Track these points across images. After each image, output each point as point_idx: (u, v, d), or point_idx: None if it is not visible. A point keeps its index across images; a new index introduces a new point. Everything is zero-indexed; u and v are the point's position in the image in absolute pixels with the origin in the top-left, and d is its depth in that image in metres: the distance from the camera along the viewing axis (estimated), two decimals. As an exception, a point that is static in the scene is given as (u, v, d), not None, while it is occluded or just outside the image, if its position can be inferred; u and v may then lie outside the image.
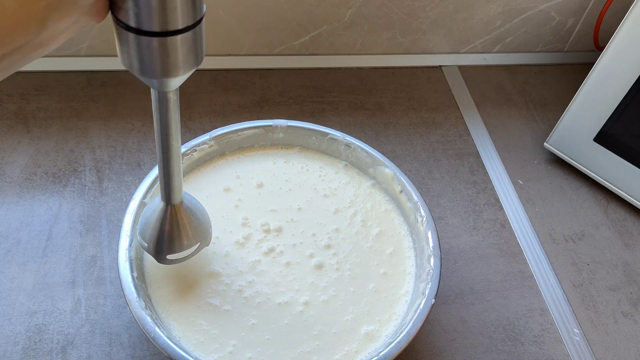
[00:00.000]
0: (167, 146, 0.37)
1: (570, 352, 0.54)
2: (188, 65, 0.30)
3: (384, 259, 0.51)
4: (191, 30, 0.28)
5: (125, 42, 0.28)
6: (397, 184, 0.54)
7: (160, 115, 0.35)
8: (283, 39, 0.73)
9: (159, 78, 0.30)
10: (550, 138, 0.69)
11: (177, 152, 0.38)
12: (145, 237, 0.44)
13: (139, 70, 0.29)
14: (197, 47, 0.30)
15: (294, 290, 0.48)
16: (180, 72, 0.30)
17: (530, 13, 0.77)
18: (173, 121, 0.35)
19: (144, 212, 0.45)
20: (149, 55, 0.28)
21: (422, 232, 0.51)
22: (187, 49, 0.29)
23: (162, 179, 0.40)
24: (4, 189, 0.58)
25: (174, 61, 0.29)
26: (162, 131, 0.36)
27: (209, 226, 0.46)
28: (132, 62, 0.29)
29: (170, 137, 0.36)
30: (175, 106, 0.35)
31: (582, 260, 0.62)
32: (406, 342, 0.44)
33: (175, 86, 0.33)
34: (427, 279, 0.48)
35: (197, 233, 0.44)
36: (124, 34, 0.28)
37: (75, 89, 0.68)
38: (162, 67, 0.29)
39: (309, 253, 0.51)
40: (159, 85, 0.32)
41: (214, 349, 0.44)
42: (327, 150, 0.58)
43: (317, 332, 0.46)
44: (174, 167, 0.39)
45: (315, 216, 0.53)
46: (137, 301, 0.43)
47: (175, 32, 0.28)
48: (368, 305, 0.48)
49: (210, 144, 0.55)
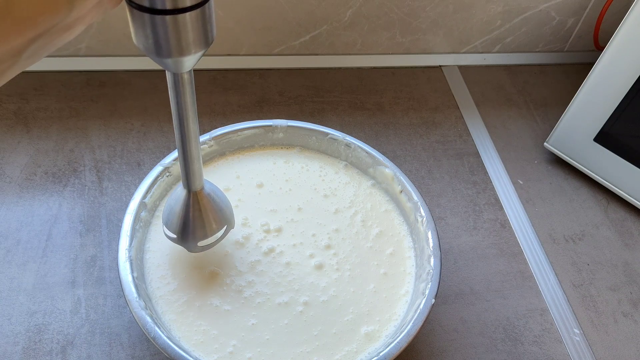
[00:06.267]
0: (185, 130, 0.38)
1: (570, 352, 0.54)
2: (200, 44, 0.31)
3: (384, 259, 0.51)
4: (200, 7, 0.29)
5: (139, 23, 0.29)
6: (397, 184, 0.54)
7: (177, 98, 0.36)
8: (283, 39, 0.73)
9: (173, 57, 0.31)
10: (550, 138, 0.69)
11: (196, 136, 0.38)
12: (171, 227, 0.44)
13: (154, 50, 0.30)
14: (208, 25, 0.31)
15: (293, 291, 0.48)
16: (192, 51, 0.31)
17: (530, 13, 0.77)
18: (190, 104, 0.36)
19: (167, 203, 0.45)
20: (162, 33, 0.29)
21: (422, 232, 0.51)
22: (197, 27, 0.30)
23: (183, 165, 0.40)
24: (4, 189, 0.58)
25: (186, 39, 0.30)
26: (179, 114, 0.37)
27: (231, 210, 0.47)
28: (147, 42, 0.30)
29: (188, 120, 0.37)
30: (191, 88, 0.35)
31: (582, 260, 0.62)
32: (406, 342, 0.44)
33: (190, 66, 0.33)
34: (427, 279, 0.48)
35: (223, 217, 0.45)
36: (137, 15, 0.29)
37: (75, 89, 0.68)
38: (175, 45, 0.30)
39: (309, 253, 0.51)
40: (174, 65, 0.33)
41: (214, 349, 0.44)
42: (327, 150, 0.58)
43: (317, 333, 0.46)
44: (193, 151, 0.39)
45: (315, 216, 0.53)
46: (137, 301, 0.43)
47: (185, 10, 0.29)
48: (368, 306, 0.48)
49: (210, 144, 0.55)
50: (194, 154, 0.40)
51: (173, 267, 0.48)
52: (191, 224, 0.43)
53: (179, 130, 0.38)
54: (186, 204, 0.43)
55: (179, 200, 0.43)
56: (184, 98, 0.36)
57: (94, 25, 0.66)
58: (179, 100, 0.36)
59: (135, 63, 0.71)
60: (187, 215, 0.43)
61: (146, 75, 0.70)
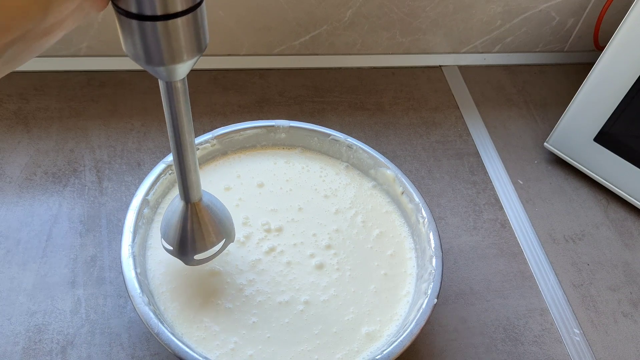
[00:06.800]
0: (180, 140, 0.37)
1: (570, 352, 0.54)
2: (192, 51, 0.30)
3: (384, 260, 0.51)
4: (192, 12, 0.28)
5: (129, 31, 0.28)
6: (399, 185, 0.54)
7: (170, 107, 0.35)
8: (283, 39, 0.73)
9: (165, 65, 0.30)
10: (550, 138, 0.69)
11: (192, 146, 0.37)
12: (168, 239, 0.43)
13: (144, 59, 0.29)
14: (200, 31, 0.30)
15: (294, 290, 0.48)
16: (184, 58, 0.30)
17: (530, 13, 0.77)
18: (184, 113, 0.35)
19: (165, 214, 0.44)
20: (152, 40, 0.28)
21: (424, 233, 0.51)
22: (189, 33, 0.29)
23: (179, 176, 0.39)
24: (4, 189, 0.57)
25: (177, 46, 0.29)
26: (173, 124, 0.36)
27: (231, 222, 0.45)
28: (137, 50, 0.29)
29: (182, 130, 0.36)
30: (185, 97, 0.34)
31: (582, 260, 0.62)
32: (409, 340, 0.44)
33: (182, 74, 0.32)
34: (430, 279, 0.48)
35: (221, 230, 0.44)
36: (126, 22, 0.28)
37: (75, 89, 0.68)
38: (166, 52, 0.29)
39: (310, 253, 0.51)
40: (167, 74, 0.32)
41: (216, 345, 0.44)
42: (329, 151, 0.58)
43: (317, 331, 0.46)
44: (189, 161, 0.38)
45: (315, 216, 0.53)
46: (140, 297, 0.43)
47: (176, 15, 0.28)
48: (369, 306, 0.48)
49: (213, 143, 0.55)
50: (190, 164, 0.38)
51: (175, 264, 0.48)
52: (189, 236, 0.42)
53: (174, 140, 0.37)
54: (184, 217, 0.41)
55: (176, 211, 0.42)
56: (178, 107, 0.34)
57: (95, 25, 0.66)
58: (173, 110, 0.35)
59: (135, 63, 0.71)
60: (184, 228, 0.42)
61: (146, 75, 0.70)
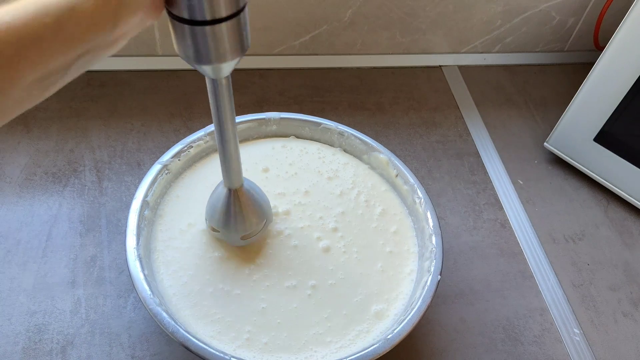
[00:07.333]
0: (223, 130, 0.40)
1: (570, 352, 0.54)
2: (236, 51, 0.34)
3: (389, 238, 0.52)
4: (236, 17, 0.32)
5: (181, 34, 0.32)
6: (393, 168, 0.56)
7: (216, 102, 0.39)
8: (283, 38, 0.73)
9: (212, 64, 0.34)
10: (550, 138, 0.69)
11: (235, 137, 0.41)
12: (214, 223, 0.47)
13: (194, 58, 0.33)
14: (243, 33, 0.34)
15: (302, 274, 0.49)
16: (229, 58, 0.34)
17: (530, 13, 0.77)
18: (227, 106, 0.39)
19: (209, 200, 0.48)
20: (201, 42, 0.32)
21: (422, 212, 0.52)
22: (234, 36, 0.33)
23: (223, 164, 0.43)
24: (4, 189, 0.58)
25: (223, 47, 0.33)
26: (218, 116, 0.39)
27: (269, 205, 0.49)
28: (188, 51, 0.33)
29: (226, 121, 0.40)
30: (229, 92, 0.38)
31: (582, 260, 0.62)
32: (417, 318, 0.45)
33: (227, 72, 0.36)
34: (431, 257, 0.49)
35: (262, 212, 0.48)
36: (179, 27, 0.32)
37: (75, 89, 0.68)
38: (214, 53, 0.33)
39: (317, 236, 0.51)
40: (213, 72, 0.35)
41: (231, 337, 0.44)
42: (321, 139, 0.59)
43: (327, 315, 0.47)
44: (232, 151, 0.42)
45: (321, 199, 0.54)
46: (151, 298, 0.43)
47: (222, 20, 0.32)
48: (377, 285, 0.49)
49: (206, 140, 0.55)
50: (233, 154, 0.42)
51: (179, 257, 0.48)
52: (232, 219, 0.46)
53: (219, 131, 0.41)
54: (227, 202, 0.46)
55: (220, 197, 0.46)
56: (223, 101, 0.38)
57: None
58: (219, 104, 0.39)
59: (135, 63, 0.71)
60: (228, 212, 0.46)
61: (146, 75, 0.70)
